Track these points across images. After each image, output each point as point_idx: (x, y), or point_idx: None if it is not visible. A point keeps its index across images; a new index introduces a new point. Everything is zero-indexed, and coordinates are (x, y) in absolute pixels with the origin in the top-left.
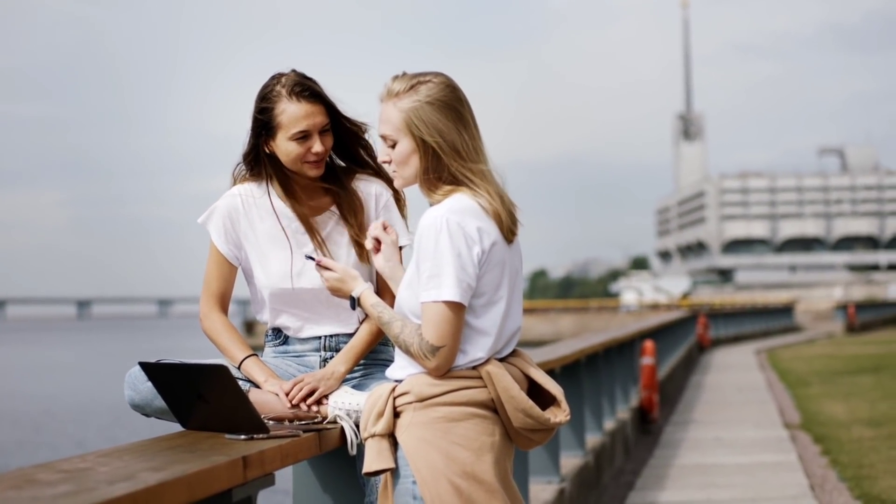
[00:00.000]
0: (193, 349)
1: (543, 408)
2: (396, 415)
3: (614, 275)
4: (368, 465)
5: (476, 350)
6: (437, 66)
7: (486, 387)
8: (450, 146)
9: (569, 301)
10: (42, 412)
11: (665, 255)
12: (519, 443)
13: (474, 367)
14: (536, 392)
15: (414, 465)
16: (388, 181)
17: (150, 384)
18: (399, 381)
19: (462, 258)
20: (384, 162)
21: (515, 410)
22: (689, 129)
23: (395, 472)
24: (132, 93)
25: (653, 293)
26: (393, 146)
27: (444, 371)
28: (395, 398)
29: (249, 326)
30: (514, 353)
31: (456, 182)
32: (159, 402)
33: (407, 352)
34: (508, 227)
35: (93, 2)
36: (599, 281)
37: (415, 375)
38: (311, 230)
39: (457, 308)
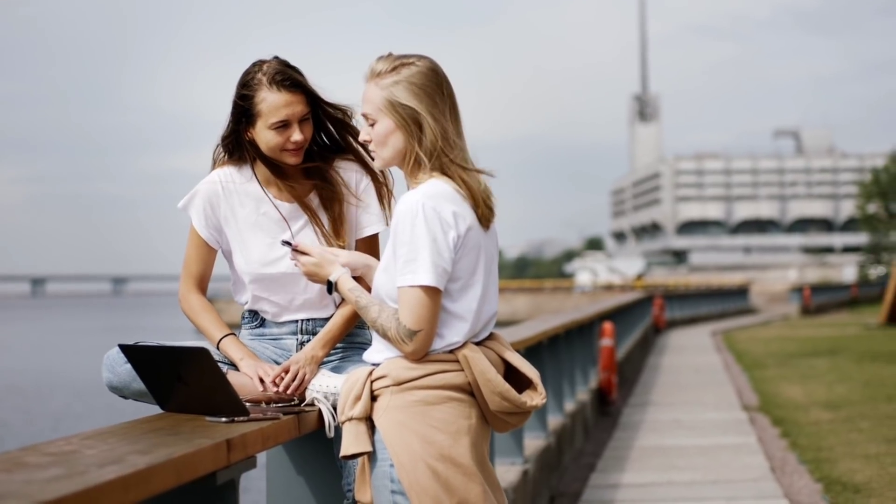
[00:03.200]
0: (151, 327)
1: (519, 391)
2: (374, 398)
3: (569, 255)
4: (346, 448)
5: (453, 334)
6: (394, 44)
7: (462, 370)
8: (428, 129)
9: (524, 281)
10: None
11: (620, 236)
12: (495, 426)
13: (451, 351)
14: (513, 375)
15: (391, 448)
16: (367, 166)
17: (128, 366)
18: (376, 365)
19: (438, 243)
20: (365, 141)
21: (492, 394)
22: (644, 110)
23: (372, 456)
24: (86, 69)
25: (607, 274)
26: (373, 126)
27: (421, 355)
28: (372, 382)
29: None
30: (490, 337)
31: (433, 166)
32: (137, 385)
33: (384, 336)
34: (484, 213)
35: None
36: (554, 261)
37: (392, 359)
38: (292, 217)
39: (433, 293)
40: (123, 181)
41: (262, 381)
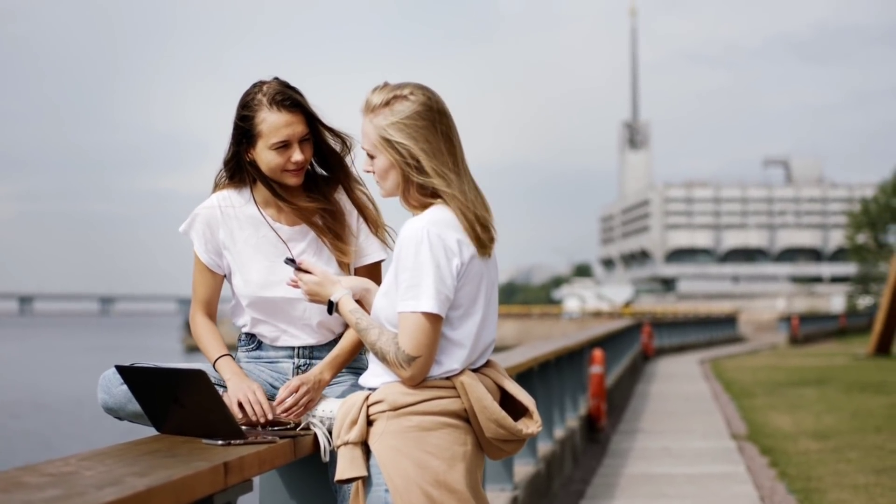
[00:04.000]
0: (138, 347)
1: (515, 418)
2: (370, 423)
3: (557, 281)
4: (341, 472)
5: (451, 361)
6: (383, 67)
7: (459, 397)
8: (424, 161)
9: (511, 307)
10: None
11: (608, 263)
12: (490, 453)
13: (448, 378)
14: (509, 403)
15: (386, 473)
16: (365, 196)
17: (124, 387)
18: (373, 390)
19: (441, 270)
20: (367, 171)
21: (488, 421)
22: (634, 137)
23: (367, 480)
24: (77, 86)
25: (595, 301)
26: (373, 160)
27: (419, 381)
28: (368, 406)
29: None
30: (487, 364)
31: (434, 195)
32: (133, 406)
33: (383, 359)
34: (483, 240)
35: None
36: (542, 287)
37: (389, 384)
38: (292, 240)
39: (434, 319)
40: (113, 200)
41: (241, 406)
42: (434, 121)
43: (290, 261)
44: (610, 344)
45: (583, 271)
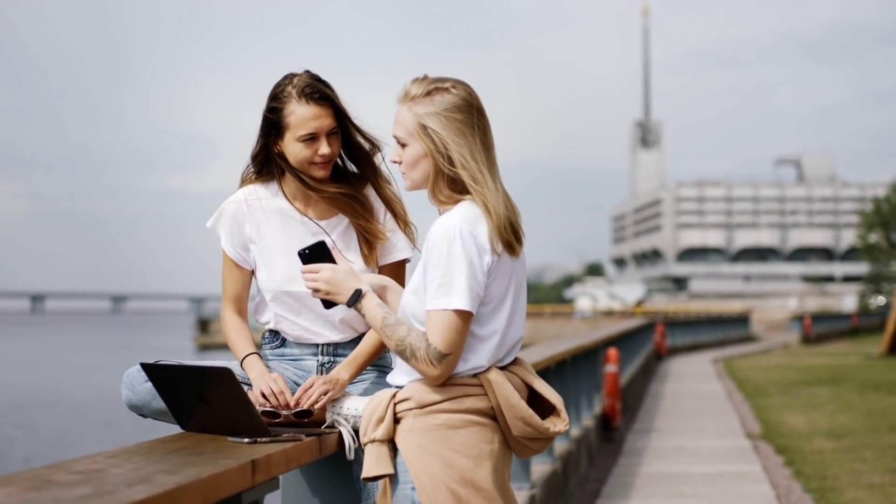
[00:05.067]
0: (150, 346)
1: (543, 416)
2: (396, 420)
3: (569, 280)
4: (368, 470)
5: (478, 358)
6: (394, 68)
7: (486, 394)
8: (459, 155)
9: None
10: (6, 405)
11: (620, 262)
12: (517, 451)
13: (475, 375)
14: (536, 401)
15: (413, 471)
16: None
17: (148, 385)
18: (399, 387)
19: (473, 267)
20: (394, 162)
21: (515, 419)
22: (646, 136)
23: (393, 478)
24: (85, 85)
25: (607, 300)
26: (404, 148)
27: (445, 379)
28: (395, 404)
29: (203, 325)
30: (514, 362)
31: (463, 191)
32: (157, 403)
33: (410, 356)
34: (510, 240)
35: None
36: (554, 286)
37: (415, 382)
38: (319, 234)
39: (466, 316)
40: (123, 198)
41: (263, 396)
42: (472, 117)
43: (304, 252)
44: (624, 343)
45: (594, 270)
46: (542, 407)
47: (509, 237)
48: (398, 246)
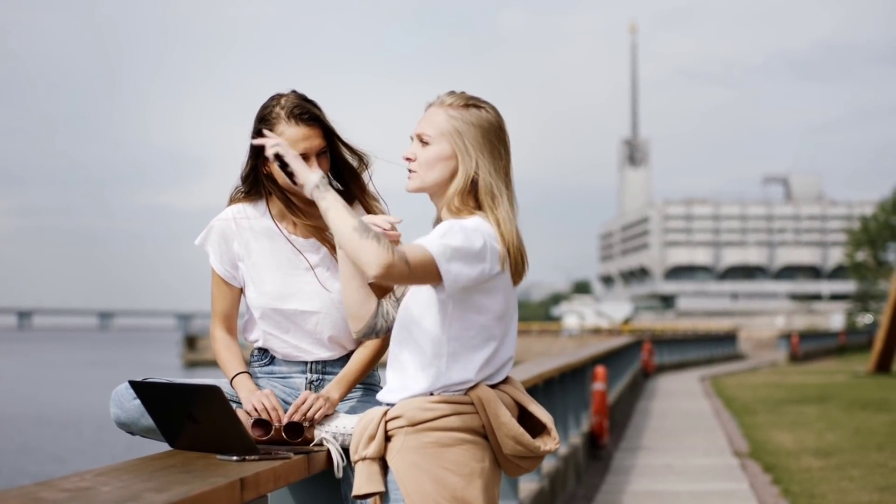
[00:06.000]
0: (137, 363)
1: (533, 435)
2: (388, 438)
3: (556, 298)
4: (358, 487)
5: (467, 371)
6: (384, 81)
7: (476, 413)
8: (485, 171)
9: None
10: None
11: (608, 280)
12: (507, 469)
13: (466, 392)
14: (526, 419)
15: (404, 489)
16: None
17: (137, 402)
18: (390, 405)
19: (472, 250)
20: (406, 159)
21: (506, 437)
22: (634, 154)
23: (384, 496)
24: (75, 100)
25: (595, 318)
26: (425, 146)
27: (381, 277)
28: (386, 422)
29: (190, 342)
30: (505, 381)
31: (480, 207)
32: (146, 421)
33: (360, 242)
34: (518, 266)
35: (36, 9)
36: (541, 304)
37: (407, 400)
38: (306, 251)
39: (432, 263)
40: (112, 215)
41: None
42: (501, 140)
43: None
44: (611, 361)
45: (582, 288)
46: (532, 426)
47: (517, 262)
48: None
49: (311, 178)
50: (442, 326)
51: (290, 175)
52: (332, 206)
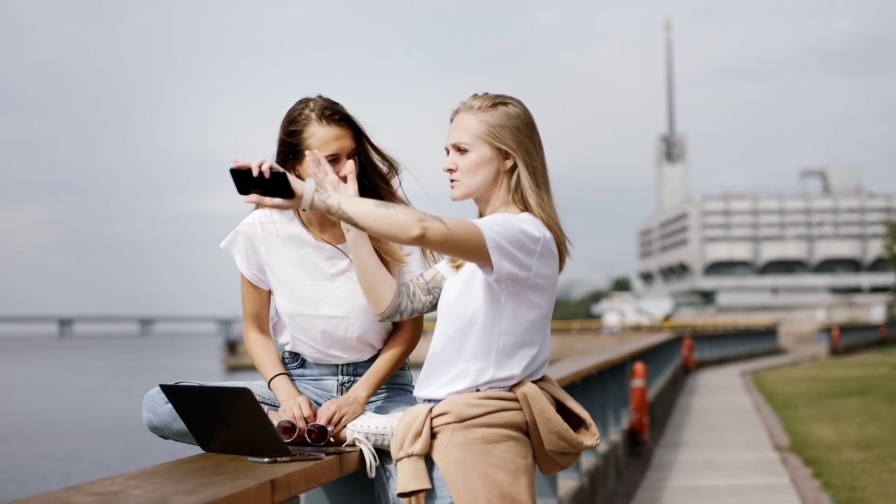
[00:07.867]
0: (178, 368)
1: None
2: (433, 435)
3: (596, 296)
4: (405, 485)
5: (514, 366)
6: (417, 85)
7: (521, 409)
8: (527, 165)
9: (551, 322)
10: (33, 429)
11: (647, 277)
12: (543, 466)
13: (511, 389)
14: (563, 416)
15: (452, 486)
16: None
17: (168, 406)
18: (435, 401)
19: (521, 241)
20: (448, 170)
21: (550, 433)
22: (671, 150)
23: (430, 493)
24: (120, 110)
25: (635, 315)
26: (464, 154)
27: (419, 238)
28: (432, 418)
29: (232, 346)
30: (542, 379)
31: (524, 203)
32: (178, 425)
33: (390, 214)
34: (563, 260)
35: (79, 18)
36: (581, 302)
37: (454, 395)
38: (335, 257)
39: (482, 243)
40: (151, 221)
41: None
42: (534, 133)
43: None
44: (651, 357)
45: (622, 285)
46: (570, 422)
47: (562, 257)
48: (411, 266)
49: (308, 185)
50: (493, 321)
51: (280, 192)
52: (342, 199)
